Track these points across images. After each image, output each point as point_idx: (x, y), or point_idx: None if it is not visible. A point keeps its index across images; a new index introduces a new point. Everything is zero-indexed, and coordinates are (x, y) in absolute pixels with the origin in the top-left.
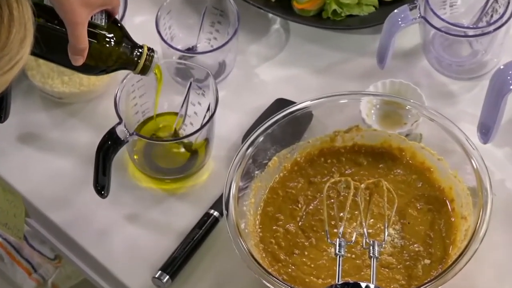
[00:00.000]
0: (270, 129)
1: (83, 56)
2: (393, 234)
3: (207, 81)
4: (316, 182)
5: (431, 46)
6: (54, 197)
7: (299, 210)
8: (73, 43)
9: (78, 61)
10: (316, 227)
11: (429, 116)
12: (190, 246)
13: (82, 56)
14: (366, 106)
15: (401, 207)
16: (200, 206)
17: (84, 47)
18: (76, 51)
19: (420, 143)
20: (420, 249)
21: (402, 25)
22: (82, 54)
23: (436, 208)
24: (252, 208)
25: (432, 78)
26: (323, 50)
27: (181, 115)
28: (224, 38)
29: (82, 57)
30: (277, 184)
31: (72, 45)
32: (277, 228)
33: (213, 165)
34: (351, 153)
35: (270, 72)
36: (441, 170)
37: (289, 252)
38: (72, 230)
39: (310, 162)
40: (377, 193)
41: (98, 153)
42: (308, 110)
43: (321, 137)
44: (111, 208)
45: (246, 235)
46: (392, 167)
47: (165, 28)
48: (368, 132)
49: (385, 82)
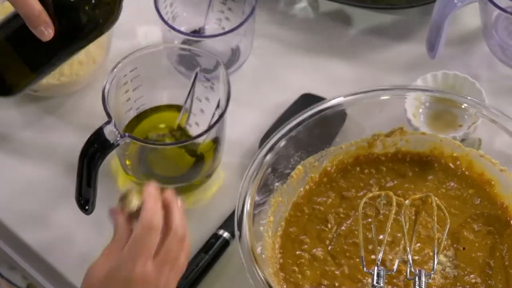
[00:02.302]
0: (294, 131)
1: (47, 22)
2: (444, 262)
3: (217, 71)
4: (349, 197)
5: (493, 30)
6: (27, 213)
7: (328, 231)
8: (26, 13)
9: (45, 33)
10: (349, 252)
11: (490, 117)
12: (195, 274)
13: (46, 23)
14: (413, 104)
15: (455, 229)
16: (206, 225)
17: (39, 9)
18: (35, 21)
19: (479, 150)
20: (478, 280)
21: (458, 4)
22: (43, 20)
23: (497, 230)
24: (270, 229)
25: (494, 70)
26: (360, 35)
27: (186, 109)
28: (238, 18)
29: (46, 24)
30: (301, 199)
31: (27, 16)
32: (301, 253)
33: (223, 175)
34: (393, 162)
35: (294, 61)
36: (504, 183)
37: (315, 282)
38: (49, 253)
39: (343, 172)
40: (425, 211)
41: (82, 159)
42: (340, 108)
43: (356, 141)
44: (97, 227)
45: (263, 262)
46: (444, 179)
47: (165, 5)
48: (415, 136)
49: (437, 74)
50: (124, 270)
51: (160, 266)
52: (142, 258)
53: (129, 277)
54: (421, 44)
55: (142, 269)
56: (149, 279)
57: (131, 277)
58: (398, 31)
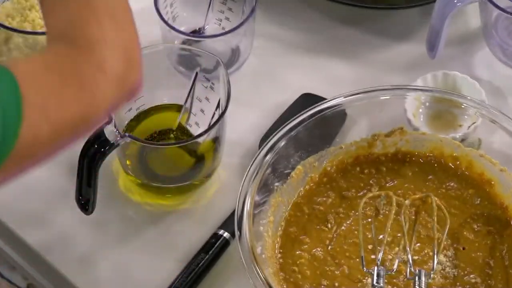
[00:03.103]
0: (294, 131)
1: None
2: (444, 261)
3: (217, 71)
4: (349, 197)
5: (493, 30)
6: (27, 213)
7: (328, 231)
8: None
9: None
10: (349, 252)
11: (490, 117)
12: (195, 275)
13: None
14: (413, 104)
15: (455, 229)
16: (206, 225)
17: None
18: None
19: (479, 150)
20: (477, 280)
21: (458, 4)
22: None
23: (497, 230)
24: (270, 229)
25: (495, 70)
26: (360, 35)
27: (186, 109)
28: (239, 18)
29: None
30: (301, 199)
31: None
32: (301, 253)
33: (223, 175)
34: (393, 162)
35: (294, 61)
36: (504, 183)
37: (315, 282)
38: (49, 253)
39: (343, 172)
40: (425, 211)
41: (82, 159)
42: (340, 108)
43: (356, 141)
44: (97, 227)
45: (263, 262)
46: (444, 179)
47: (165, 5)
48: (415, 136)
49: (437, 74)
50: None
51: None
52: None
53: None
54: (421, 44)
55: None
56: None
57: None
58: (398, 31)
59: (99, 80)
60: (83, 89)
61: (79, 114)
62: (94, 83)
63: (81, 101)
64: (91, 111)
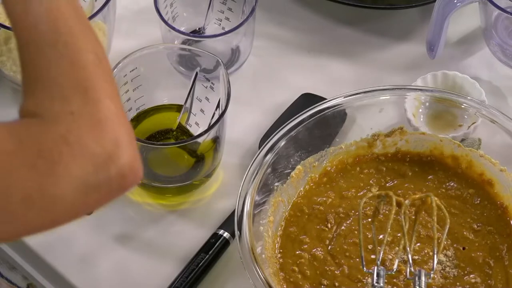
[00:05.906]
0: (294, 131)
1: None
2: (444, 261)
3: (217, 71)
4: (349, 196)
5: (493, 30)
6: None
7: (328, 231)
8: None
9: None
10: (349, 252)
11: (490, 117)
12: (195, 275)
13: None
14: (413, 104)
15: (455, 229)
16: (206, 225)
17: None
18: None
19: (479, 150)
20: (477, 280)
21: (458, 4)
22: None
23: (497, 230)
24: (270, 229)
25: (494, 70)
26: (360, 35)
27: (186, 108)
28: (238, 18)
29: None
30: (301, 199)
31: None
32: (301, 253)
33: (223, 175)
34: (393, 162)
35: (294, 61)
36: (504, 183)
37: (315, 282)
38: (49, 253)
39: (343, 172)
40: (425, 211)
41: None
42: (340, 108)
43: (356, 141)
44: (97, 227)
45: (263, 262)
46: (444, 179)
47: (165, 5)
48: (415, 136)
49: (436, 74)
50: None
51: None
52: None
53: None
54: (421, 44)
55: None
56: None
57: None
58: (398, 31)
59: (63, 150)
60: (41, 157)
61: (31, 183)
62: (56, 153)
63: (37, 169)
64: (49, 182)
